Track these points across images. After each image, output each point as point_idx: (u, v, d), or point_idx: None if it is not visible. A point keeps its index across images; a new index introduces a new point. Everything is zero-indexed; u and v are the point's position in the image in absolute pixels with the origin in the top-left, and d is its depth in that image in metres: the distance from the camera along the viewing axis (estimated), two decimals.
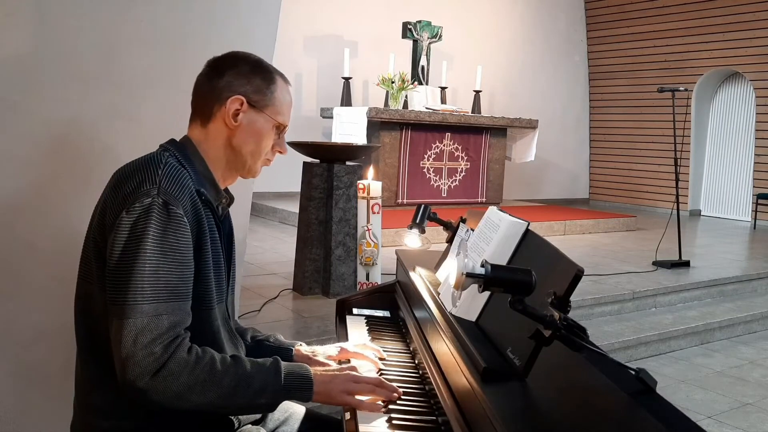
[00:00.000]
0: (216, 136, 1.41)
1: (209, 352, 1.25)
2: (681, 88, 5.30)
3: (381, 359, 1.55)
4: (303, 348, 1.60)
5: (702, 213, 9.52)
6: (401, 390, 1.36)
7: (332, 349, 1.58)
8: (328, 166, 3.89)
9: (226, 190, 1.49)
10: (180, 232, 1.24)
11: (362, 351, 1.54)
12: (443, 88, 8.22)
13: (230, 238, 1.52)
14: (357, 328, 1.81)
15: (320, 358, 1.55)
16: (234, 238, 1.55)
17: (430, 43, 8.10)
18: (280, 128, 1.45)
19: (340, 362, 1.52)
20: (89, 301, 1.33)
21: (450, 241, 1.78)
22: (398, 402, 1.32)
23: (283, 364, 1.31)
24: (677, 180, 5.46)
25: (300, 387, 1.29)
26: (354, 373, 1.35)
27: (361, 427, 1.22)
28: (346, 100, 7.72)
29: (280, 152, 1.49)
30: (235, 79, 1.39)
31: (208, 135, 1.41)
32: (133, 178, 1.28)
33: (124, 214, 1.22)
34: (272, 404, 1.29)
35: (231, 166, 1.44)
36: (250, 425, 1.46)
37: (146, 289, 1.19)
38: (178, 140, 1.43)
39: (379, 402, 1.30)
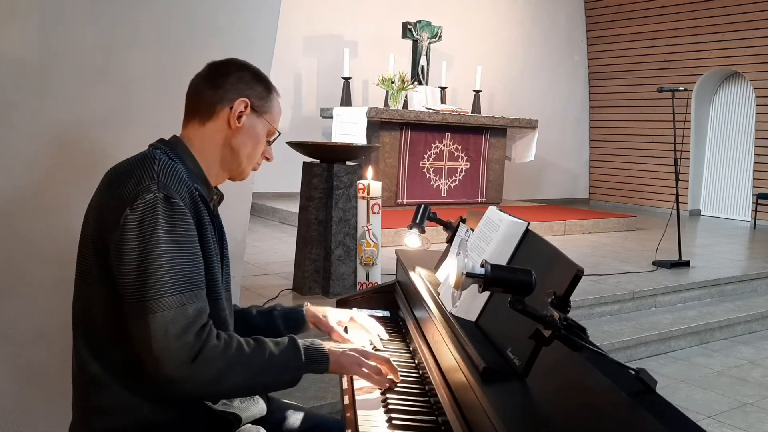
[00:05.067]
0: (214, 135, 1.43)
1: (234, 336, 1.30)
2: (681, 88, 5.30)
3: (382, 339, 1.65)
4: (311, 307, 1.68)
5: (702, 213, 9.52)
6: (401, 390, 1.38)
7: (344, 314, 1.66)
8: (328, 166, 3.89)
9: (216, 188, 1.51)
10: (186, 223, 1.27)
11: (368, 326, 1.65)
12: (443, 88, 8.22)
13: (222, 235, 1.53)
14: (357, 328, 1.81)
15: (330, 322, 1.66)
16: (225, 237, 1.55)
17: (429, 43, 8.10)
18: (270, 135, 1.50)
19: (345, 329, 1.67)
20: (89, 301, 1.33)
21: (450, 241, 1.78)
22: (398, 402, 1.33)
23: (299, 340, 1.37)
24: (677, 180, 5.46)
25: (317, 359, 1.36)
26: (365, 350, 1.43)
27: (361, 428, 1.22)
28: (346, 100, 7.72)
29: (267, 159, 1.53)
30: (241, 82, 1.44)
31: (205, 133, 1.43)
32: (131, 175, 1.30)
33: (129, 212, 1.23)
34: (295, 379, 1.34)
35: (224, 165, 1.47)
36: (249, 425, 1.46)
37: (166, 282, 1.21)
38: (167, 140, 1.45)
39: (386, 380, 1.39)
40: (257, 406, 1.50)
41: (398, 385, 1.40)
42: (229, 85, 1.43)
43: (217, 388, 1.25)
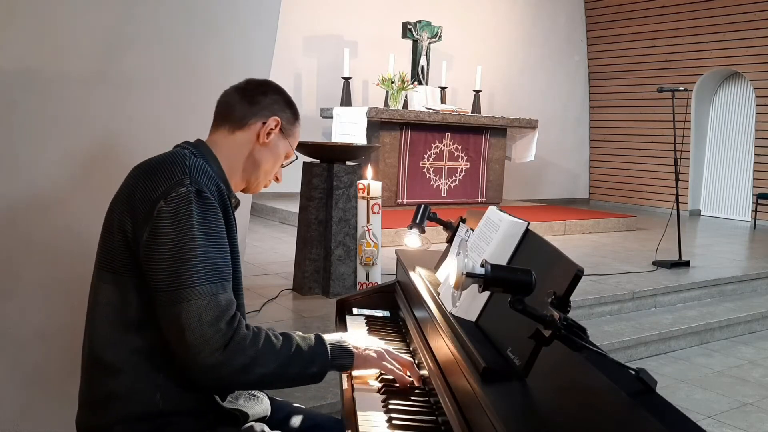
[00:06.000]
0: (241, 144, 1.50)
1: (262, 328, 1.34)
2: (681, 88, 5.30)
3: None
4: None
5: (702, 213, 9.52)
6: (401, 390, 1.38)
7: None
8: (328, 166, 3.89)
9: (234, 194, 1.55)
10: (216, 217, 1.33)
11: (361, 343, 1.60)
12: (443, 88, 8.22)
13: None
14: (357, 328, 1.81)
15: None
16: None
17: (429, 43, 8.10)
18: (287, 158, 1.60)
19: None
20: (110, 290, 1.36)
21: (450, 241, 1.78)
22: (398, 402, 1.33)
23: (325, 337, 1.41)
24: (677, 180, 5.46)
25: (342, 355, 1.40)
26: (389, 350, 1.47)
27: (361, 428, 1.22)
28: (346, 100, 7.72)
29: (277, 179, 1.63)
30: (275, 104, 1.54)
31: (233, 141, 1.50)
32: (162, 170, 1.35)
33: (163, 204, 1.28)
34: (320, 374, 1.37)
35: (245, 175, 1.54)
36: (254, 422, 1.47)
37: (200, 272, 1.25)
38: (191, 142, 1.49)
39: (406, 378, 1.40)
40: (261, 406, 1.51)
41: (398, 385, 1.40)
42: (265, 103, 1.52)
43: (247, 377, 1.28)
